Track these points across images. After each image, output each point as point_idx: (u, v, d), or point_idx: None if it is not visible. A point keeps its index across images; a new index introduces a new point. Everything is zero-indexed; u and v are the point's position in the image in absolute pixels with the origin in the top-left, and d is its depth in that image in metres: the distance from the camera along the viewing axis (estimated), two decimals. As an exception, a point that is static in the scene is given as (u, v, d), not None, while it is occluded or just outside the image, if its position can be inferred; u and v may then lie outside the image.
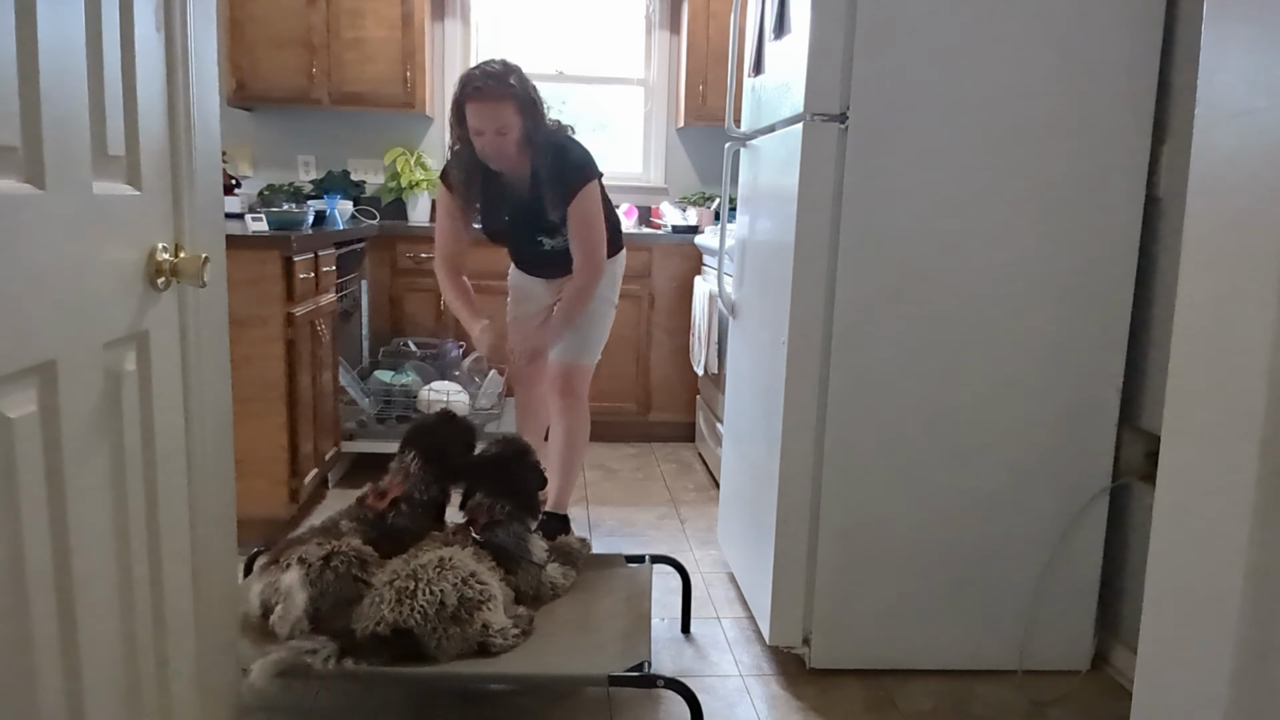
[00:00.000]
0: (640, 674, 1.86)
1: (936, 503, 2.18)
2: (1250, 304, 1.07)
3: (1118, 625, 2.27)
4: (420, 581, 1.84)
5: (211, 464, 1.38)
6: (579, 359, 2.87)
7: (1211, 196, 1.15)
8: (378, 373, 3.75)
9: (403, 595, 1.83)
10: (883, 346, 2.11)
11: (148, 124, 1.18)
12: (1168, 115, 2.11)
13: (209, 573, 1.38)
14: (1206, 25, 1.16)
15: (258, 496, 2.79)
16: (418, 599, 1.82)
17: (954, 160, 2.07)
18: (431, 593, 1.83)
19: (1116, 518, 2.25)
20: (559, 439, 2.88)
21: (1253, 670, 1.08)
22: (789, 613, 2.21)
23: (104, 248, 1.07)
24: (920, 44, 2.02)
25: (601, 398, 4.13)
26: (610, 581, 2.30)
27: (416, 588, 1.84)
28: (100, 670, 1.07)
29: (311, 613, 1.87)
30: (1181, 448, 1.21)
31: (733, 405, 2.78)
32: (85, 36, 1.03)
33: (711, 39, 4.34)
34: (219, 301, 1.41)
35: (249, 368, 2.76)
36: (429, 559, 1.90)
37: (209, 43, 1.33)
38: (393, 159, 4.45)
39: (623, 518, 3.30)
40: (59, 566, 0.98)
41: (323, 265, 3.19)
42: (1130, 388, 2.19)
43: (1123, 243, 2.12)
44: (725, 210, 2.78)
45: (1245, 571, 1.07)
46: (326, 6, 4.18)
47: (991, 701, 2.13)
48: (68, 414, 0.99)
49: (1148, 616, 1.26)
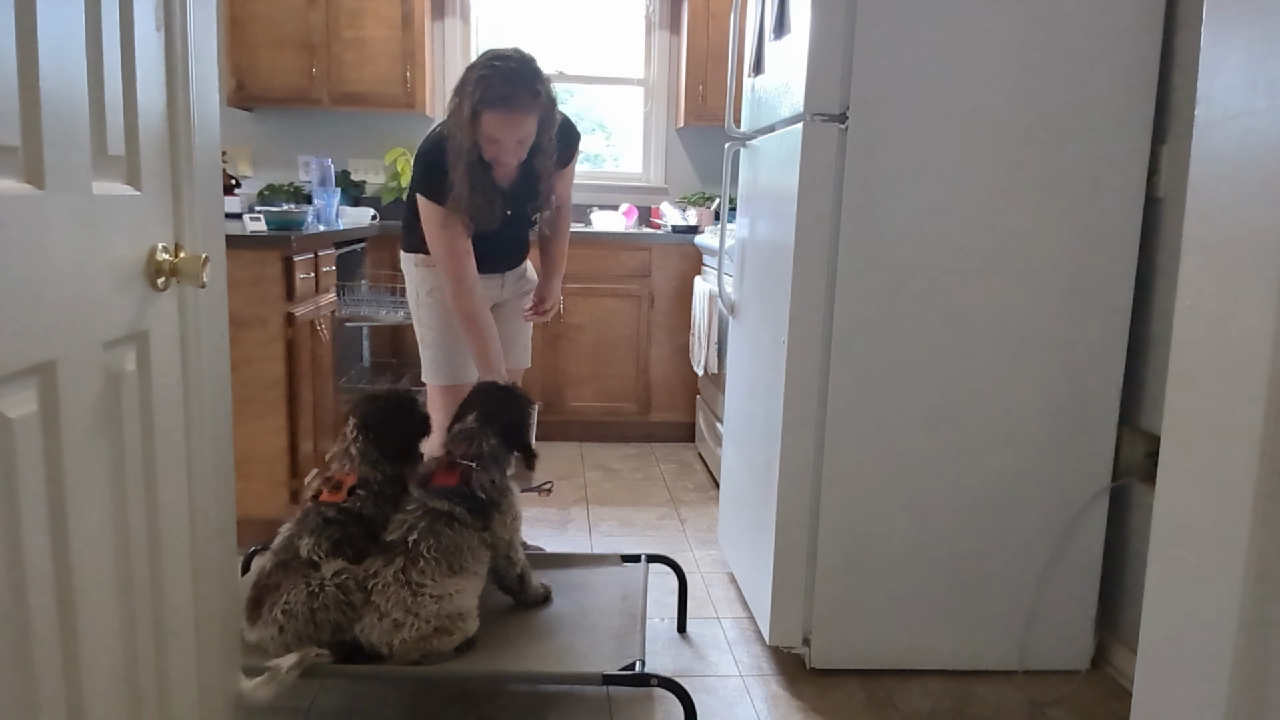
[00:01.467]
0: (634, 673, 1.86)
1: (936, 503, 2.18)
2: (1250, 304, 1.07)
3: (1118, 625, 2.27)
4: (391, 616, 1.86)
5: (211, 464, 1.38)
6: (524, 362, 2.83)
7: (1211, 196, 1.15)
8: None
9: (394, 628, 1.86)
10: (883, 346, 2.11)
11: (148, 124, 1.18)
12: (1168, 115, 2.11)
13: (209, 573, 1.38)
14: (1206, 25, 1.16)
15: (258, 496, 2.79)
16: (403, 631, 1.84)
17: (954, 160, 2.07)
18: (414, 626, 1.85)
19: (1116, 518, 2.25)
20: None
21: (1253, 670, 1.08)
22: (789, 613, 2.21)
23: (104, 248, 1.07)
24: (920, 44, 2.02)
25: (602, 398, 4.14)
26: (606, 581, 2.30)
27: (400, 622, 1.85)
28: (100, 670, 1.07)
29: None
30: (1181, 448, 1.20)
31: (733, 405, 2.78)
32: (85, 36, 1.03)
33: (711, 39, 4.34)
34: (219, 301, 1.41)
35: (249, 368, 2.76)
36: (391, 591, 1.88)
37: (209, 43, 1.33)
38: (393, 159, 4.45)
39: (623, 518, 3.30)
40: (59, 567, 0.98)
41: (323, 265, 3.19)
42: (1130, 388, 2.19)
43: (1123, 243, 2.12)
44: (725, 210, 2.79)
45: (1245, 571, 1.07)
46: (326, 6, 4.18)
47: (991, 702, 2.13)
48: (68, 414, 0.99)
49: (1148, 616, 1.26)
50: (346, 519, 2.00)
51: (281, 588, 1.90)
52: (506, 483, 2.09)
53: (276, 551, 1.99)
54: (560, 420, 4.21)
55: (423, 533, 1.91)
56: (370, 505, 2.04)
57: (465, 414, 2.15)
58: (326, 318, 3.24)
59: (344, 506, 2.02)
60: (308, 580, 1.88)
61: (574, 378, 4.22)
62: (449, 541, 1.92)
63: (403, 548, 1.90)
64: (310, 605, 1.85)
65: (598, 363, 4.18)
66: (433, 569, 1.88)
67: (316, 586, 1.87)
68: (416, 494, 2.00)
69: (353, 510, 2.02)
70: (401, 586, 1.86)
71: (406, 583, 1.86)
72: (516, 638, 2.04)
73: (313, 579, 1.88)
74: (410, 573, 1.87)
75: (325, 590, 1.86)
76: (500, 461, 2.10)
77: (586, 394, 4.23)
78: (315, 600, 1.85)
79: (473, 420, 2.12)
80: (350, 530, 1.99)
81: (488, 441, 2.08)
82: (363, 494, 2.05)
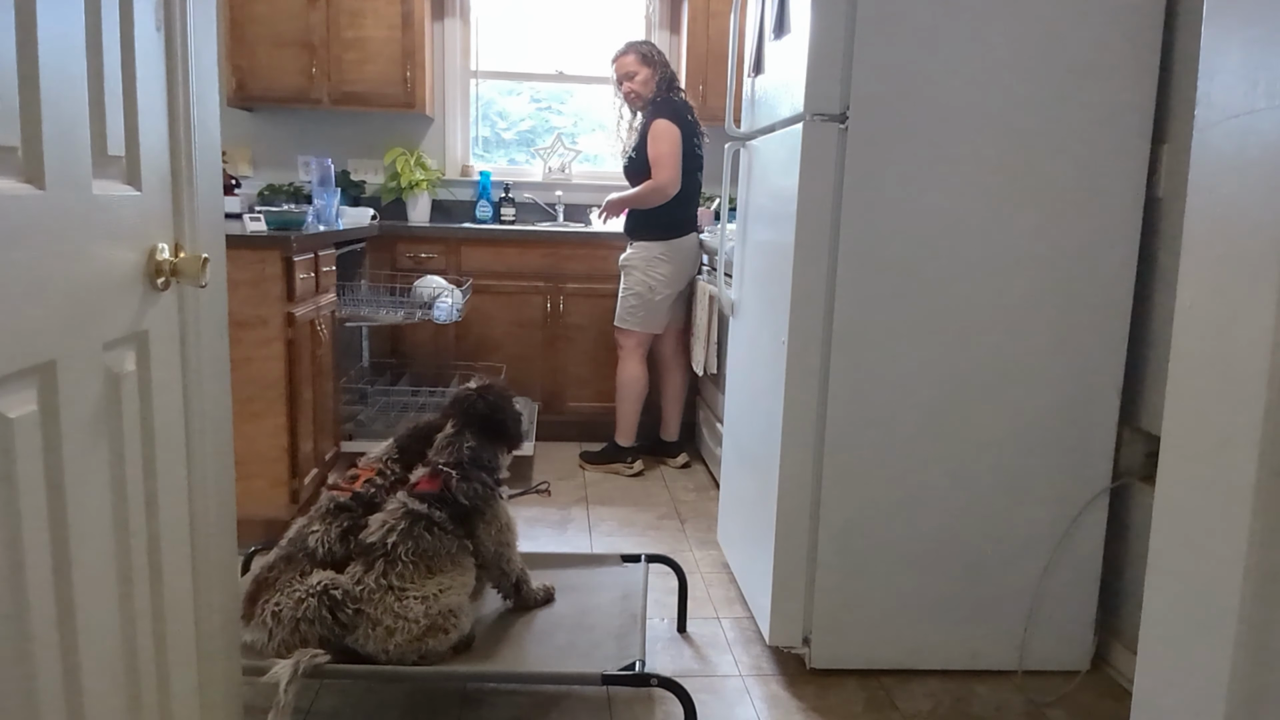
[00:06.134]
0: (634, 673, 1.86)
1: (936, 503, 2.18)
2: (1250, 304, 1.07)
3: (1118, 625, 2.27)
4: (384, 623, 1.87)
5: (211, 464, 1.38)
6: (617, 321, 3.79)
7: (1211, 196, 1.15)
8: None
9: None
10: (883, 346, 2.11)
11: (148, 124, 1.18)
12: (1168, 115, 2.11)
13: (209, 573, 1.38)
14: (1206, 25, 1.16)
15: (258, 496, 2.79)
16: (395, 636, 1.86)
17: (954, 160, 2.07)
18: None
19: (1116, 518, 2.25)
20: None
21: (1253, 670, 1.08)
22: (789, 613, 2.21)
23: (104, 248, 1.07)
24: (920, 44, 2.02)
25: (602, 398, 4.13)
26: (606, 581, 2.30)
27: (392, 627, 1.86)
28: (100, 669, 1.07)
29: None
30: (1181, 448, 1.20)
31: (733, 405, 2.78)
32: (85, 36, 1.03)
33: (711, 39, 4.34)
34: (219, 301, 1.41)
35: (249, 368, 2.76)
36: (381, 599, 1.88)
37: (209, 43, 1.33)
38: (393, 159, 4.45)
39: (623, 518, 3.30)
40: (58, 567, 0.98)
41: (323, 265, 3.19)
42: (1130, 388, 2.19)
43: (1123, 243, 2.12)
44: (725, 210, 2.79)
45: (1245, 571, 1.07)
46: (326, 6, 4.18)
47: (991, 702, 2.13)
48: (68, 414, 0.99)
49: (1148, 616, 1.26)
50: (356, 505, 2.07)
51: (277, 584, 1.92)
52: (493, 490, 2.09)
53: (284, 545, 2.04)
54: (560, 420, 4.21)
55: (401, 535, 1.92)
56: (382, 494, 2.10)
57: (445, 420, 2.17)
58: (326, 318, 3.24)
59: (357, 492, 2.10)
60: (298, 583, 1.90)
61: (574, 378, 4.21)
62: (427, 545, 1.93)
63: (382, 550, 1.91)
64: (295, 614, 1.86)
65: (598, 363, 4.17)
66: (411, 571, 1.89)
67: (303, 595, 1.88)
68: (399, 496, 2.02)
69: (364, 496, 2.09)
70: (386, 592, 1.87)
71: (390, 587, 1.87)
72: (516, 638, 2.04)
73: (299, 588, 1.89)
74: (390, 576, 1.88)
75: (308, 602, 1.87)
76: (485, 465, 2.10)
77: (586, 394, 4.22)
78: (299, 610, 1.86)
79: (452, 427, 2.14)
80: (359, 517, 2.04)
81: (467, 446, 2.09)
82: (380, 481, 2.13)
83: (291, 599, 1.87)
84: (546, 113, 4.90)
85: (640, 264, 3.71)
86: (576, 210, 4.73)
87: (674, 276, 3.73)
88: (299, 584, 1.90)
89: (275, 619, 1.87)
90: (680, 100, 3.74)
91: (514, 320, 4.16)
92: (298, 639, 1.85)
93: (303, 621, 1.85)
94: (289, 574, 1.94)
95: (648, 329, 3.77)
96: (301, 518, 2.11)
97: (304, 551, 1.98)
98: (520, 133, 4.90)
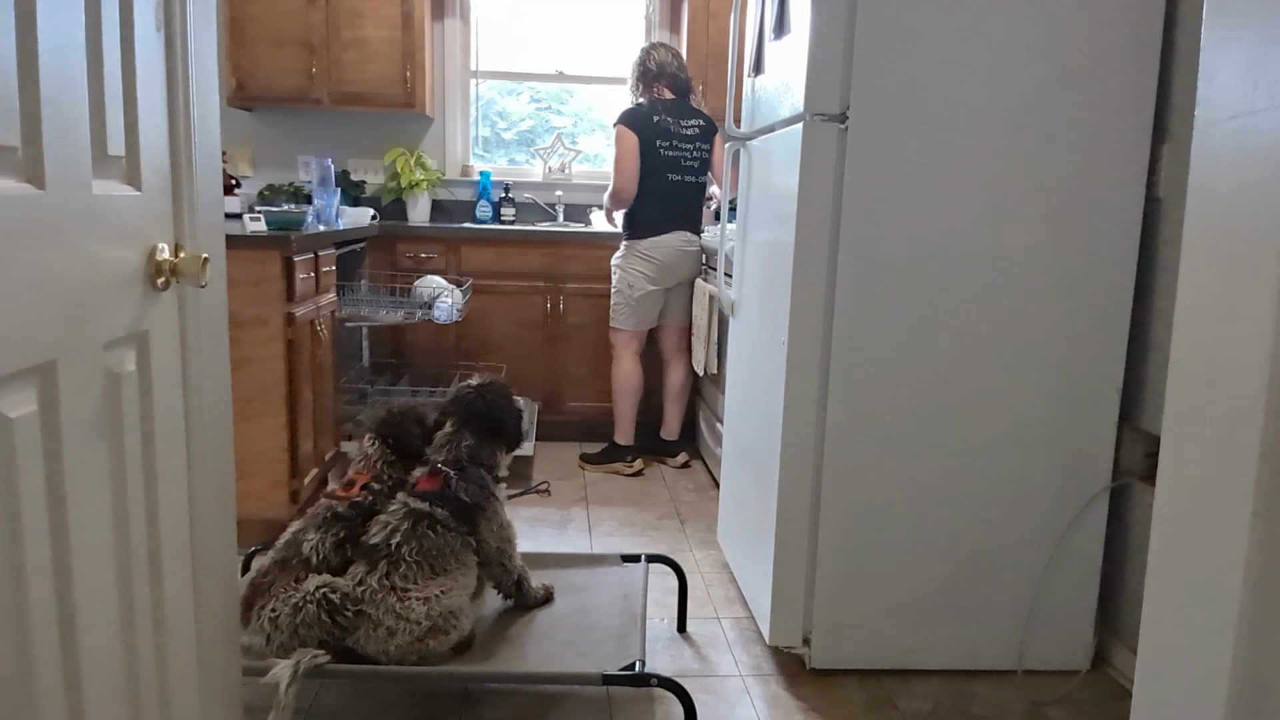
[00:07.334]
0: (634, 673, 1.86)
1: (936, 502, 2.18)
2: (1250, 304, 1.07)
3: (1118, 625, 2.27)
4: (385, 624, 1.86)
5: (211, 464, 1.38)
6: (609, 320, 3.90)
7: (1211, 196, 1.15)
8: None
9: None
10: (883, 346, 2.11)
11: (148, 124, 1.18)
12: (1168, 115, 2.11)
13: (209, 573, 1.38)
14: (1206, 25, 1.16)
15: (258, 496, 2.79)
16: (396, 637, 1.86)
17: (954, 160, 2.07)
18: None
19: (1116, 518, 2.25)
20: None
21: (1253, 670, 1.08)
22: (789, 613, 2.21)
23: (104, 248, 1.07)
24: (920, 44, 2.02)
25: (601, 398, 4.13)
26: (606, 581, 2.30)
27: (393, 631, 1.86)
28: (100, 670, 1.07)
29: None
30: (1181, 448, 1.20)
31: (733, 405, 2.78)
32: (85, 37, 1.03)
33: (711, 39, 4.34)
34: (219, 301, 1.41)
35: (249, 368, 2.76)
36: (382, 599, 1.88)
37: (209, 43, 1.33)
38: (393, 159, 4.45)
39: (623, 518, 3.30)
40: (59, 567, 0.98)
41: (323, 265, 3.19)
42: (1130, 388, 2.19)
43: (1123, 243, 2.12)
44: (725, 210, 2.79)
45: (1245, 571, 1.07)
46: (326, 6, 4.18)
47: (991, 701, 2.13)
48: (68, 414, 0.99)
49: (1148, 616, 1.26)
50: (354, 514, 2.04)
51: (272, 590, 1.91)
52: (492, 488, 2.09)
53: (279, 549, 2.01)
54: (559, 420, 4.21)
55: (405, 535, 1.91)
56: (381, 500, 2.07)
57: (444, 420, 2.17)
58: (326, 318, 3.24)
59: (354, 500, 2.07)
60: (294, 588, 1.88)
61: (574, 378, 4.22)
62: (431, 544, 1.92)
63: (385, 550, 1.90)
64: (293, 620, 1.85)
65: (597, 363, 4.18)
66: (414, 572, 1.89)
67: (301, 600, 1.87)
68: (400, 497, 2.01)
69: (361, 504, 2.06)
70: (388, 593, 1.86)
71: (392, 588, 1.87)
72: (516, 638, 2.04)
73: (295, 593, 1.88)
74: (393, 577, 1.87)
75: (306, 608, 1.86)
76: (484, 463, 2.10)
77: (586, 394, 4.22)
78: (297, 615, 1.86)
79: (450, 426, 2.14)
80: (356, 526, 2.01)
81: (465, 444, 2.09)
82: (377, 487, 2.10)
83: (288, 605, 1.87)
84: (546, 113, 4.90)
85: (620, 262, 3.82)
86: (576, 210, 4.73)
87: (654, 274, 3.74)
88: (295, 589, 1.89)
89: (273, 624, 1.86)
90: (646, 103, 3.72)
91: (514, 320, 4.16)
92: (296, 643, 1.84)
93: (301, 626, 1.85)
94: (284, 579, 1.92)
95: (634, 326, 3.82)
96: (297, 521, 2.09)
97: (298, 557, 1.96)
98: (520, 133, 4.90)
